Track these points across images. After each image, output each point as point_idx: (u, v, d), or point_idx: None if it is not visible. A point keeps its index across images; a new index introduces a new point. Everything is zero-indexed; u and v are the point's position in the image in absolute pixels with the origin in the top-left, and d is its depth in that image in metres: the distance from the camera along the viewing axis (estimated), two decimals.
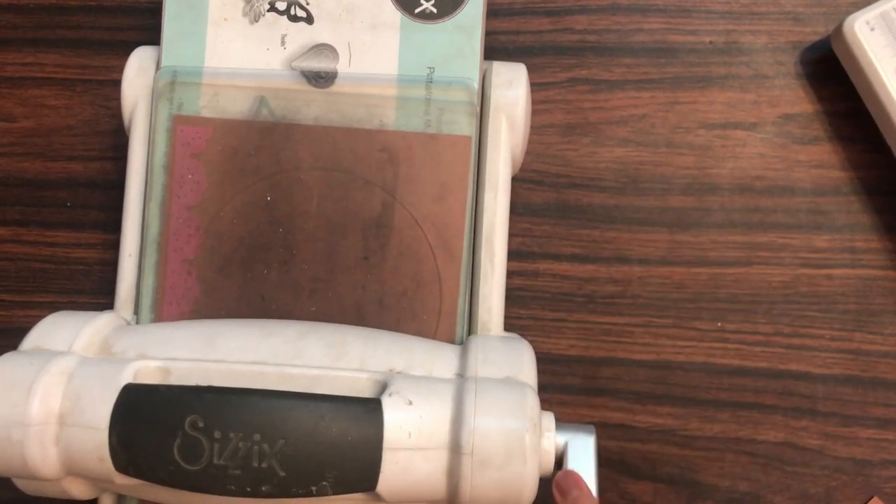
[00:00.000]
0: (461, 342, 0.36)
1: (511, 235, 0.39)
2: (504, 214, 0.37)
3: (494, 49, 0.42)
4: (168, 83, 0.37)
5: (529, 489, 0.30)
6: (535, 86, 0.42)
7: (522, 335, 0.37)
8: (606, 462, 0.40)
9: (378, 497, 0.30)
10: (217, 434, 0.29)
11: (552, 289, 0.42)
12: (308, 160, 0.37)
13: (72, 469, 0.31)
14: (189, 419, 0.29)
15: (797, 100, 0.42)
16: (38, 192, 0.43)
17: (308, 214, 0.37)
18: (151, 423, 0.29)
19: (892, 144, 0.40)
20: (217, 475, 0.29)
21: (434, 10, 0.37)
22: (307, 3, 0.38)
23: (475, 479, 0.29)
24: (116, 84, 0.39)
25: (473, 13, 0.37)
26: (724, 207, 0.42)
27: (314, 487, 0.29)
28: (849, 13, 0.39)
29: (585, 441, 0.32)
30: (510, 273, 0.39)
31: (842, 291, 0.41)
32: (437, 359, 0.33)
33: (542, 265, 0.42)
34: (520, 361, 0.33)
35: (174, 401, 0.30)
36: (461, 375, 0.32)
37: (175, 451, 0.29)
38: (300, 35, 0.38)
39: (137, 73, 0.38)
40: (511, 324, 0.41)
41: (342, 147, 0.37)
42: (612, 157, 0.42)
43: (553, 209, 0.42)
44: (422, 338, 0.36)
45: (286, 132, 0.37)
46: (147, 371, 0.31)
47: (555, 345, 0.41)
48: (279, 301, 0.37)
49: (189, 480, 0.29)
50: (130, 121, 0.38)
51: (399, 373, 0.32)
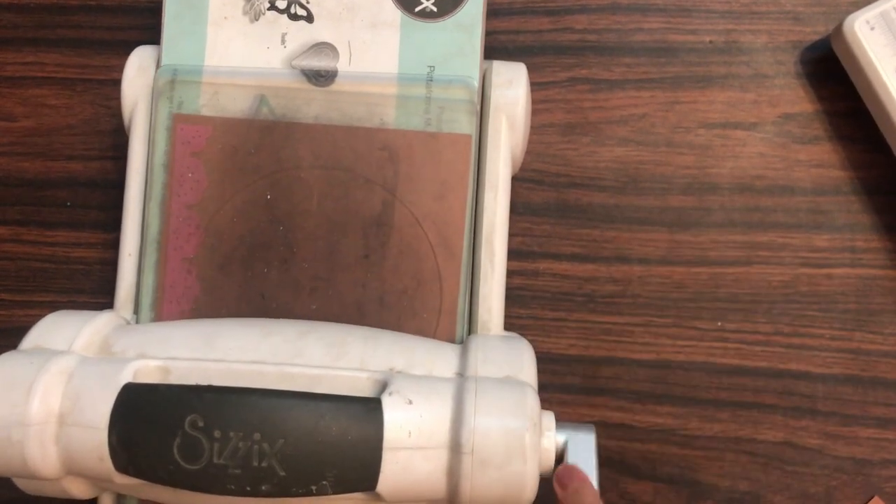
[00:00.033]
0: (461, 341, 0.36)
1: (511, 235, 0.39)
2: (504, 214, 0.37)
3: (494, 48, 0.42)
4: (168, 82, 0.37)
5: (530, 488, 0.30)
6: (535, 85, 0.42)
7: (522, 335, 0.37)
8: (606, 462, 0.40)
9: (378, 496, 0.30)
10: (217, 433, 0.29)
11: (552, 288, 0.42)
12: (308, 159, 0.37)
13: (72, 468, 0.31)
14: (189, 418, 0.29)
15: (797, 99, 0.42)
16: (39, 192, 0.43)
17: (308, 213, 0.37)
18: (151, 423, 0.29)
19: (893, 144, 0.40)
20: (217, 475, 0.29)
21: (434, 9, 0.37)
22: (307, 2, 0.38)
23: (475, 479, 0.29)
24: (117, 83, 0.39)
25: (473, 12, 0.37)
26: (724, 207, 0.42)
27: (314, 487, 0.29)
28: (849, 12, 0.39)
29: (586, 440, 0.32)
30: (510, 272, 0.39)
31: (842, 291, 0.41)
32: (437, 358, 0.33)
33: (542, 265, 0.42)
34: (520, 361, 0.33)
35: (174, 400, 0.30)
36: (461, 375, 0.32)
37: (175, 451, 0.29)
38: (300, 34, 0.38)
39: (137, 73, 0.38)
40: (511, 323, 0.41)
41: (342, 145, 0.37)
42: (612, 157, 0.42)
43: (553, 209, 0.42)
44: (422, 337, 0.36)
45: (286, 131, 0.37)
46: (147, 370, 0.31)
47: (555, 344, 0.41)
48: (279, 299, 0.37)
49: (189, 480, 0.29)
50: (130, 120, 0.38)
51: (399, 372, 0.32)
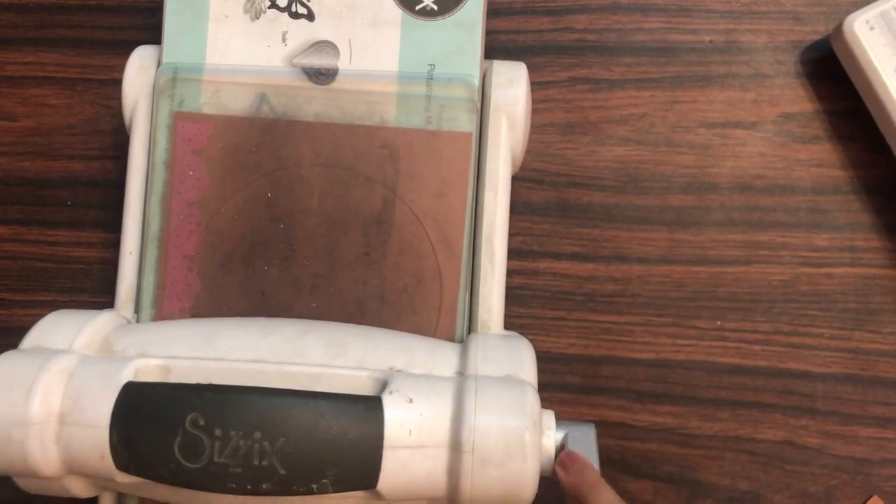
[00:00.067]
0: (461, 339, 0.36)
1: (511, 234, 0.39)
2: (504, 213, 0.37)
3: (495, 48, 0.42)
4: (169, 80, 0.37)
5: (530, 487, 0.30)
6: (536, 85, 0.42)
7: (522, 334, 0.37)
8: (606, 461, 0.40)
9: (378, 495, 0.30)
10: (218, 432, 0.29)
11: (552, 287, 0.42)
12: (309, 157, 0.37)
13: (72, 467, 0.31)
14: (190, 417, 0.29)
15: (797, 99, 0.42)
16: (39, 192, 0.43)
17: (309, 211, 0.37)
18: (152, 422, 0.29)
19: (892, 143, 0.40)
20: (218, 473, 0.29)
21: (435, 7, 0.37)
22: (308, 0, 0.38)
23: (475, 477, 0.29)
24: (117, 83, 0.39)
25: (474, 10, 0.37)
26: (724, 206, 0.42)
27: (315, 485, 0.29)
28: (848, 12, 0.40)
29: (586, 438, 0.32)
30: (510, 272, 0.39)
31: (841, 290, 0.41)
32: (438, 357, 0.33)
33: (542, 264, 0.42)
34: (520, 360, 0.33)
35: (175, 399, 0.30)
36: (461, 373, 0.32)
37: (176, 450, 0.29)
38: (301, 32, 0.38)
39: (138, 73, 0.38)
40: (511, 322, 0.41)
41: (343, 144, 0.37)
42: (612, 156, 0.42)
43: (553, 208, 0.42)
44: (422, 336, 0.36)
45: (287, 129, 0.37)
46: (147, 369, 0.31)
47: (555, 343, 0.41)
48: (280, 297, 0.37)
49: (190, 478, 0.29)
50: (131, 119, 0.38)
51: (399, 371, 0.32)
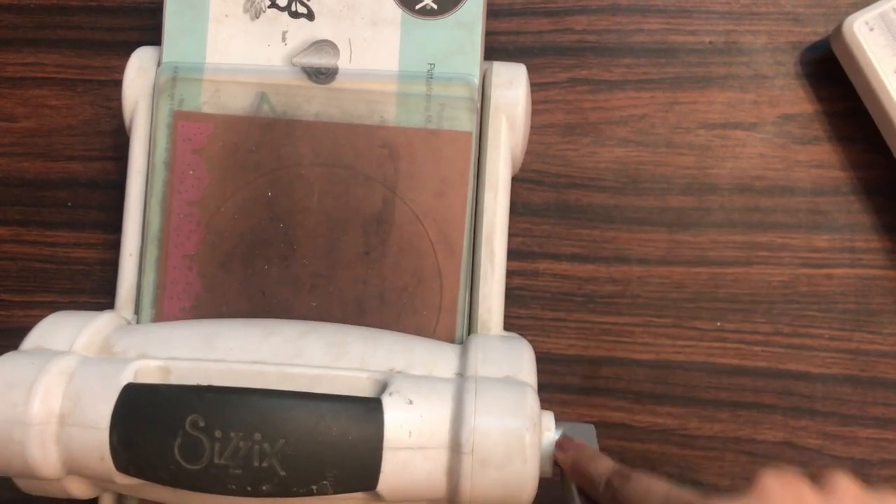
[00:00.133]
0: (461, 338, 0.36)
1: (511, 235, 0.39)
2: (504, 214, 0.37)
3: (495, 49, 0.42)
4: (169, 79, 0.37)
5: (529, 488, 0.30)
6: (535, 86, 0.42)
7: (522, 335, 0.37)
8: None
9: (378, 496, 0.30)
10: (218, 433, 0.29)
11: (552, 288, 0.42)
12: (309, 156, 0.37)
13: (72, 468, 0.31)
14: (190, 419, 0.29)
15: (797, 100, 0.42)
16: (39, 192, 0.43)
17: (309, 210, 0.37)
18: (152, 423, 0.29)
19: (892, 144, 0.40)
20: (218, 475, 0.29)
21: (435, 7, 0.37)
22: (308, 0, 0.38)
23: (475, 479, 0.29)
24: (117, 84, 0.39)
25: (474, 9, 0.37)
26: (724, 207, 0.42)
27: (315, 487, 0.29)
28: (848, 13, 0.40)
29: (587, 440, 0.32)
30: (510, 273, 0.39)
31: (841, 291, 0.41)
32: (438, 358, 0.33)
33: (542, 265, 0.42)
34: (519, 361, 0.33)
35: (175, 400, 0.30)
36: (461, 375, 0.32)
37: (176, 451, 0.29)
38: (301, 31, 0.38)
39: (138, 73, 0.38)
40: (511, 323, 0.41)
41: (343, 143, 0.37)
42: (612, 157, 0.42)
43: (553, 209, 0.42)
44: (422, 337, 0.36)
45: (287, 128, 0.37)
46: (148, 371, 0.31)
47: (554, 344, 0.41)
48: (280, 296, 0.37)
49: (190, 480, 0.29)
50: (131, 120, 0.38)
51: (399, 372, 0.32)
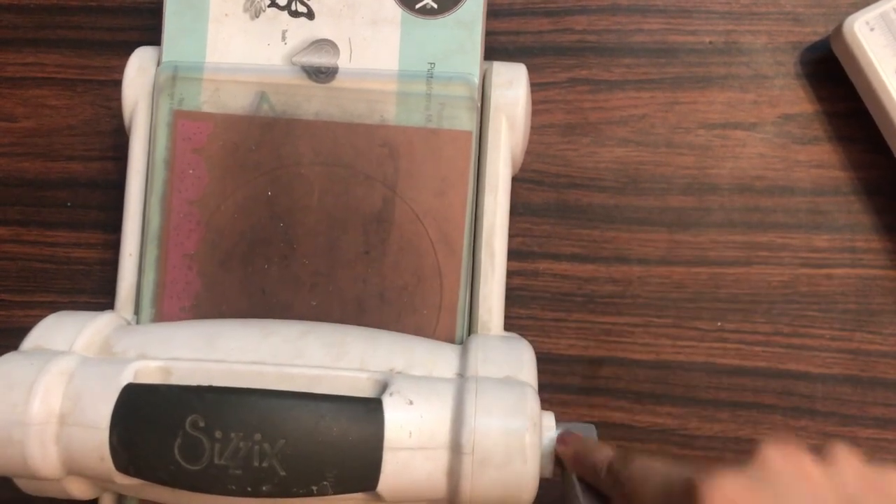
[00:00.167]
0: (461, 338, 0.36)
1: (511, 235, 0.39)
2: (504, 214, 0.37)
3: (495, 49, 0.42)
4: (169, 78, 0.37)
5: (530, 489, 0.30)
6: (536, 86, 0.42)
7: (522, 335, 0.37)
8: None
9: (379, 497, 0.30)
10: (218, 434, 0.29)
11: (552, 288, 0.42)
12: (309, 155, 0.37)
13: (72, 469, 0.31)
14: (190, 419, 0.29)
15: (797, 100, 0.42)
16: (39, 192, 0.43)
17: (309, 209, 0.37)
18: (152, 423, 0.29)
19: (892, 144, 0.40)
20: (218, 475, 0.29)
21: (435, 6, 0.37)
22: None
23: (475, 479, 0.29)
24: (117, 84, 0.39)
25: (474, 9, 0.37)
26: (724, 207, 0.42)
27: (315, 487, 0.29)
28: (848, 13, 0.40)
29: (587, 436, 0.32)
30: (510, 273, 0.39)
31: (841, 291, 0.41)
32: (438, 358, 0.33)
33: (542, 265, 0.42)
34: (520, 361, 0.33)
35: (175, 401, 0.30)
36: (461, 375, 0.32)
37: (176, 451, 0.29)
38: (301, 30, 0.38)
39: (138, 73, 0.38)
40: (511, 323, 0.41)
41: (343, 142, 0.37)
42: (612, 157, 0.42)
43: (553, 209, 0.42)
44: (422, 337, 0.36)
45: (287, 127, 0.37)
46: (148, 371, 0.31)
47: (555, 344, 0.41)
48: (280, 295, 0.37)
49: (190, 480, 0.29)
50: (131, 120, 0.38)
51: (399, 372, 0.32)
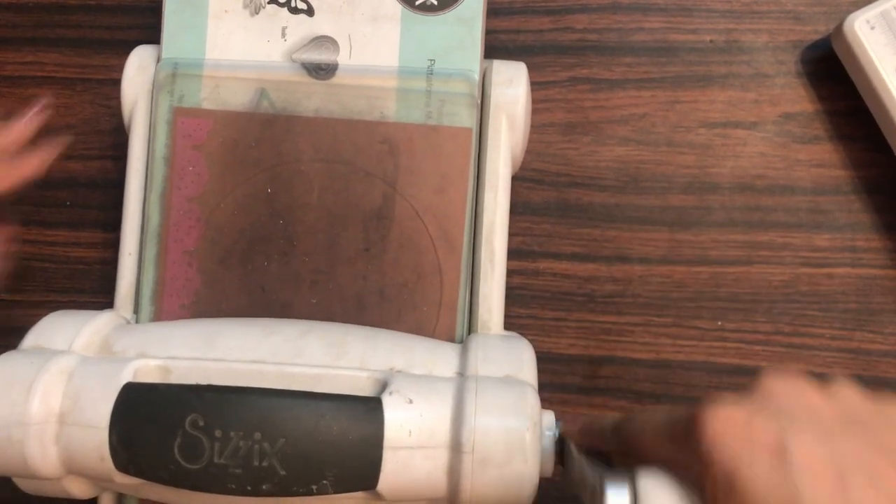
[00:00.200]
0: (461, 336, 0.36)
1: (511, 234, 0.39)
2: (504, 213, 0.37)
3: (495, 48, 0.42)
4: (169, 75, 0.37)
5: (530, 488, 0.30)
6: (536, 84, 0.42)
7: (522, 334, 0.37)
8: (607, 461, 0.40)
9: (379, 496, 0.30)
10: (217, 433, 0.29)
11: (552, 288, 0.42)
12: (309, 152, 0.37)
13: (72, 468, 0.31)
14: (189, 418, 0.29)
15: (798, 99, 0.42)
16: (38, 192, 0.43)
17: (309, 206, 0.37)
18: (152, 422, 0.29)
19: (893, 143, 0.40)
20: (217, 474, 0.29)
21: (435, 2, 0.37)
22: None
23: (476, 478, 0.29)
24: (116, 83, 0.38)
25: (474, 5, 0.37)
26: (725, 206, 0.41)
27: (315, 486, 0.29)
28: (849, 12, 0.39)
29: None
30: (510, 272, 0.39)
31: (842, 290, 0.41)
32: (438, 357, 0.33)
33: (543, 264, 0.42)
34: (520, 360, 0.33)
35: (174, 400, 0.30)
36: (461, 374, 0.32)
37: (175, 450, 0.29)
38: (301, 27, 0.38)
39: (137, 72, 0.38)
40: (511, 323, 0.41)
41: (343, 139, 0.37)
42: (613, 156, 0.42)
43: (553, 208, 0.42)
44: (422, 336, 0.36)
45: (287, 124, 0.37)
46: (147, 370, 0.31)
47: (555, 344, 0.41)
48: (280, 293, 0.37)
49: (189, 479, 0.29)
50: (130, 118, 0.38)
51: (399, 371, 0.32)
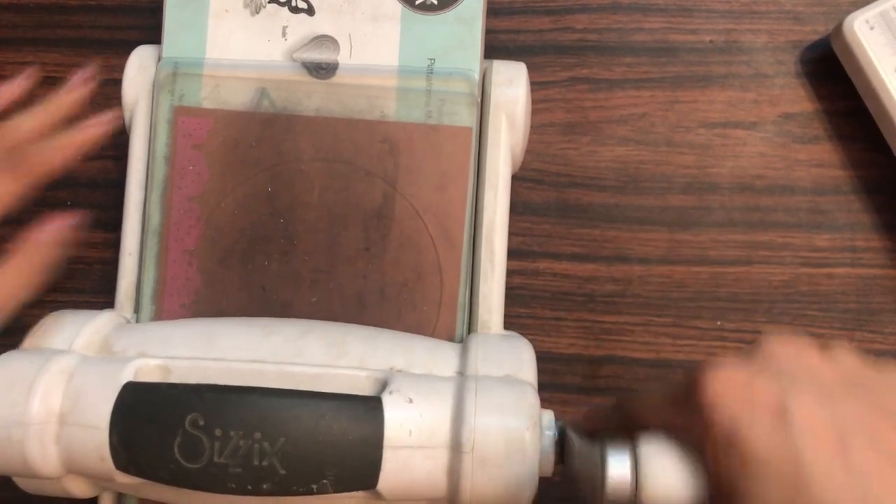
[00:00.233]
0: (461, 335, 0.36)
1: (511, 234, 0.39)
2: (504, 213, 0.37)
3: (495, 48, 0.42)
4: (169, 74, 0.37)
5: (530, 487, 0.30)
6: (536, 84, 0.42)
7: (522, 334, 0.37)
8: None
9: (378, 495, 0.30)
10: (217, 432, 0.29)
11: (552, 288, 0.42)
12: (309, 151, 0.37)
13: (72, 468, 0.31)
14: (189, 417, 0.29)
15: (797, 99, 0.42)
16: (38, 192, 0.43)
17: (309, 205, 0.37)
18: (152, 422, 0.29)
19: (892, 143, 0.40)
20: (218, 473, 0.29)
21: (435, 2, 0.37)
22: None
23: (475, 478, 0.29)
24: (117, 83, 0.38)
25: (474, 5, 0.37)
26: (725, 206, 0.41)
27: (315, 485, 0.29)
28: (848, 12, 0.39)
29: None
30: (510, 272, 0.39)
31: (842, 290, 0.41)
32: (438, 357, 0.33)
33: (542, 264, 0.42)
34: (520, 360, 0.33)
35: (174, 399, 0.30)
36: (461, 374, 0.32)
37: (176, 450, 0.29)
38: (301, 26, 0.38)
39: (138, 72, 0.38)
40: (511, 322, 0.41)
41: (343, 138, 0.37)
42: (613, 156, 0.42)
43: (553, 208, 0.42)
44: (422, 336, 0.36)
45: (287, 123, 0.37)
46: (147, 369, 0.31)
47: (555, 343, 0.41)
48: (280, 292, 0.37)
49: (190, 479, 0.29)
50: (131, 118, 0.38)
51: (399, 371, 0.32)
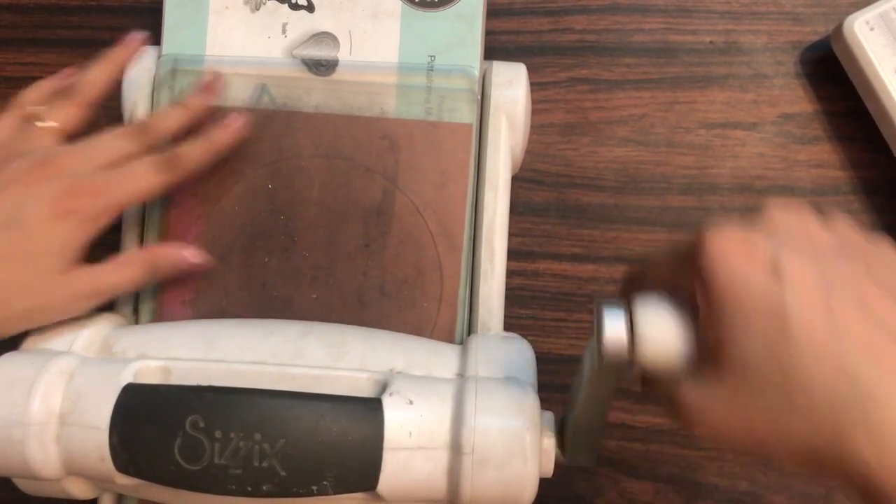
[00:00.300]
0: (461, 333, 0.37)
1: (511, 235, 0.39)
2: (504, 213, 0.37)
3: (495, 49, 0.42)
4: (170, 71, 0.38)
5: (530, 488, 0.30)
6: (535, 85, 0.42)
7: (522, 335, 0.37)
8: (607, 461, 0.40)
9: (378, 496, 0.30)
10: (218, 434, 0.29)
11: (552, 288, 0.42)
12: (309, 148, 0.37)
13: (72, 469, 0.31)
14: (190, 419, 0.29)
15: (797, 99, 0.42)
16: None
17: (309, 202, 0.37)
18: (152, 423, 0.29)
19: (892, 143, 0.40)
20: (218, 475, 0.29)
21: None
22: None
23: (475, 479, 0.29)
24: (117, 84, 0.38)
25: (474, 2, 0.37)
26: (724, 207, 0.41)
27: (315, 487, 0.29)
28: (848, 13, 0.40)
29: None
30: (510, 273, 0.39)
31: None
32: (438, 358, 0.33)
33: (542, 265, 0.42)
34: (520, 361, 0.33)
35: (175, 401, 0.30)
36: (461, 375, 0.32)
37: (176, 451, 0.29)
38: (301, 23, 0.38)
39: (138, 73, 0.38)
40: (511, 323, 0.41)
41: (343, 135, 0.37)
42: (612, 157, 0.42)
43: (553, 209, 0.42)
44: (422, 338, 0.36)
45: (287, 120, 0.37)
46: (147, 371, 0.31)
47: (554, 344, 0.41)
48: (280, 288, 0.37)
49: (190, 480, 0.29)
50: (132, 119, 0.38)
51: (399, 372, 0.32)
